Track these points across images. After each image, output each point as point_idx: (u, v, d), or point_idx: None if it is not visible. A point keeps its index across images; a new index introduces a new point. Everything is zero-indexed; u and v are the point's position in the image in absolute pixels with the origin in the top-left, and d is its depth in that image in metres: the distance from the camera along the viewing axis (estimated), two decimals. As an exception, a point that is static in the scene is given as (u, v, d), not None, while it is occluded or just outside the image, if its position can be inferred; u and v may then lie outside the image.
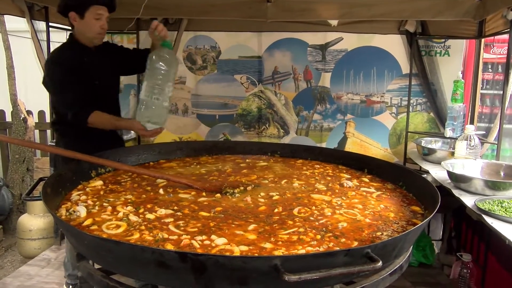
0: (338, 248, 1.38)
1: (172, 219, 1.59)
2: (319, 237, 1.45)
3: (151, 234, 1.45)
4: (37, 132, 5.07)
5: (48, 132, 4.96)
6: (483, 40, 3.57)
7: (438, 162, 2.97)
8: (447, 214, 3.59)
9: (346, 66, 4.00)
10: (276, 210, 1.72)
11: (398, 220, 1.66)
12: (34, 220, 3.95)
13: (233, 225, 1.54)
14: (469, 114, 3.66)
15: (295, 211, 1.71)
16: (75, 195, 1.86)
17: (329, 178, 2.22)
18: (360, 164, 2.42)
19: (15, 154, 4.67)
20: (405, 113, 3.85)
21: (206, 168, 2.39)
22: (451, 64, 3.78)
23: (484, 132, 3.38)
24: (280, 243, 1.40)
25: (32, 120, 4.82)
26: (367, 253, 1.20)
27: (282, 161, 2.60)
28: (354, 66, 3.98)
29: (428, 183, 1.88)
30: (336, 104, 4.08)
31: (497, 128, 3.11)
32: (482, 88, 3.92)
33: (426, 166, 3.09)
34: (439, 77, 3.81)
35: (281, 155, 2.73)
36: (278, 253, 1.33)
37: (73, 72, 2.43)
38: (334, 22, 3.78)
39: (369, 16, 3.46)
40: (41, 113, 5.12)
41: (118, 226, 1.53)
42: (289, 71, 4.09)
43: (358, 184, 2.13)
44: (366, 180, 2.21)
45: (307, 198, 1.89)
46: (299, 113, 4.15)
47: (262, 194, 1.92)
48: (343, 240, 1.45)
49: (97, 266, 1.49)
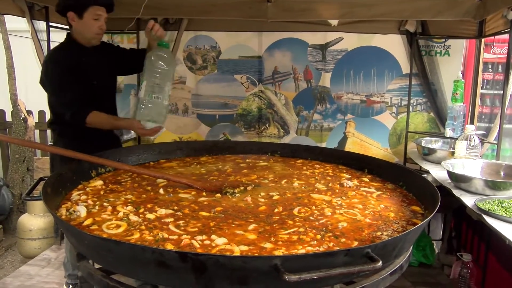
0: (338, 248, 1.38)
1: (172, 219, 1.59)
2: (319, 237, 1.46)
3: (151, 234, 1.45)
4: (37, 132, 5.07)
5: (48, 132, 4.94)
6: (483, 40, 3.57)
7: (438, 162, 2.97)
8: (447, 214, 3.59)
9: (346, 66, 3.99)
10: (276, 210, 1.72)
11: (398, 220, 1.66)
12: (34, 220, 3.95)
13: (233, 225, 1.54)
14: (469, 114, 3.65)
15: (295, 211, 1.71)
16: (75, 195, 1.86)
17: (329, 178, 2.22)
18: (360, 164, 2.42)
19: (15, 154, 4.67)
20: (405, 113, 3.84)
21: (206, 168, 2.40)
22: (451, 64, 3.78)
23: (484, 132, 3.38)
24: (280, 243, 1.40)
25: (32, 120, 4.83)
26: (367, 253, 1.21)
27: (282, 161, 2.60)
28: (354, 66, 3.98)
29: (428, 183, 1.89)
30: (336, 104, 4.08)
31: (497, 128, 3.11)
32: (482, 88, 3.92)
33: (426, 166, 3.09)
34: (439, 77, 3.81)
35: (281, 155, 2.73)
36: (278, 253, 1.33)
37: (71, 72, 2.42)
38: (334, 22, 3.77)
39: (369, 16, 3.46)
40: (41, 113, 5.12)
41: (118, 226, 1.53)
42: (289, 71, 4.09)
43: (358, 184, 2.13)
44: (366, 180, 2.21)
45: (307, 198, 1.89)
46: (299, 113, 4.15)
47: (262, 194, 1.92)
48: (343, 240, 1.45)
49: (97, 266, 1.49)
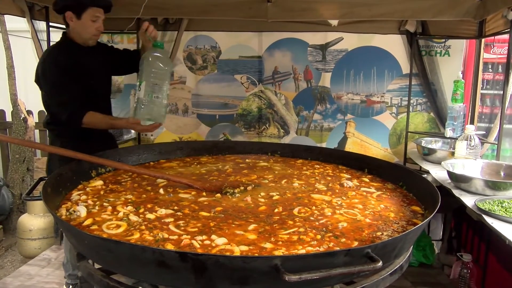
0: (338, 248, 1.38)
1: (172, 219, 1.59)
2: (319, 237, 1.45)
3: (152, 234, 1.45)
4: (37, 132, 5.07)
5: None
6: (483, 40, 3.57)
7: (438, 162, 2.97)
8: (447, 214, 3.59)
9: (346, 66, 4.00)
10: (276, 210, 1.72)
11: (398, 220, 1.66)
12: (34, 220, 3.95)
13: (233, 225, 1.54)
14: (469, 114, 3.65)
15: (295, 211, 1.71)
16: (75, 195, 1.86)
17: (329, 178, 2.22)
18: (360, 164, 2.42)
19: (15, 154, 4.67)
20: (405, 113, 3.85)
21: (206, 168, 2.39)
22: (451, 64, 3.78)
23: (484, 132, 3.38)
24: (280, 243, 1.40)
25: (32, 120, 4.82)
26: (367, 253, 1.20)
27: (282, 161, 2.60)
28: (354, 66, 3.98)
29: (428, 183, 1.88)
30: (336, 104, 4.08)
31: (497, 128, 3.11)
32: (482, 88, 3.93)
33: (426, 166, 3.09)
34: (439, 77, 3.81)
35: (281, 155, 2.73)
36: (278, 253, 1.33)
37: (68, 72, 2.42)
38: (334, 22, 3.77)
39: (369, 16, 3.46)
40: (41, 113, 5.12)
41: (118, 226, 1.53)
42: (289, 71, 4.09)
43: (358, 184, 2.13)
44: (366, 180, 2.21)
45: (307, 198, 1.89)
46: (299, 113, 4.15)
47: (262, 194, 1.92)
48: (343, 240, 1.45)
49: (97, 266, 1.49)
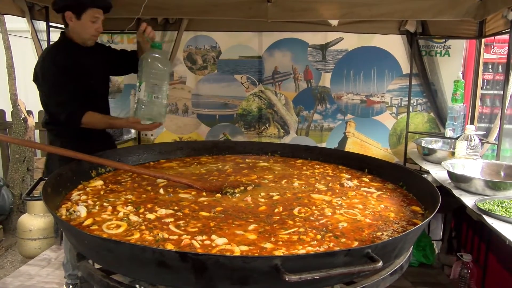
0: (338, 248, 1.38)
1: (172, 219, 1.59)
2: (319, 237, 1.45)
3: (152, 234, 1.45)
4: (37, 132, 5.07)
5: (48, 132, 4.95)
6: (483, 40, 3.57)
7: (438, 162, 2.97)
8: (448, 214, 3.59)
9: (346, 66, 4.00)
10: (276, 210, 1.71)
11: (399, 220, 1.66)
12: (34, 220, 3.95)
13: (234, 225, 1.54)
14: (470, 114, 3.66)
15: (296, 211, 1.71)
16: (75, 195, 1.86)
17: (329, 178, 2.22)
18: (360, 164, 2.42)
19: (15, 154, 4.67)
20: (405, 113, 3.85)
21: (206, 168, 2.39)
22: (451, 64, 3.78)
23: (484, 132, 3.38)
24: (281, 243, 1.40)
25: (32, 120, 4.83)
26: (367, 253, 1.20)
27: (282, 161, 2.60)
28: (355, 66, 3.98)
29: (428, 183, 1.88)
30: (336, 104, 4.08)
31: (497, 128, 3.11)
32: (482, 88, 3.93)
33: (426, 166, 3.09)
34: (440, 77, 3.81)
35: (281, 155, 2.73)
36: (278, 253, 1.33)
37: (67, 71, 2.41)
38: (334, 22, 3.77)
39: (369, 16, 3.46)
40: (41, 113, 5.11)
41: (119, 226, 1.53)
42: (289, 71, 4.09)
43: (359, 184, 2.13)
44: (367, 180, 2.21)
45: (307, 198, 1.89)
46: (299, 113, 4.15)
47: (263, 194, 1.92)
48: (343, 240, 1.45)
49: (97, 266, 1.49)
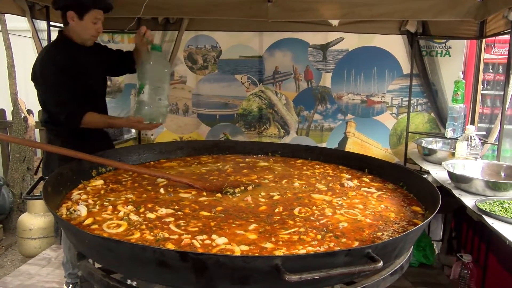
0: (339, 248, 1.38)
1: (172, 219, 1.59)
2: (319, 237, 1.45)
3: (152, 233, 1.45)
4: (37, 131, 5.07)
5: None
6: (484, 40, 3.57)
7: (438, 163, 2.97)
8: (448, 214, 3.59)
9: (346, 66, 4.00)
10: (276, 210, 1.71)
11: (399, 221, 1.66)
12: (35, 219, 3.95)
13: (234, 225, 1.54)
14: (470, 114, 3.65)
15: (296, 211, 1.71)
16: (75, 194, 1.86)
17: (330, 178, 2.22)
18: (361, 164, 2.42)
19: (16, 153, 4.67)
20: (406, 114, 3.84)
21: (206, 167, 2.39)
22: (452, 64, 3.78)
23: (485, 133, 3.38)
24: (281, 243, 1.40)
25: (33, 119, 4.82)
26: (368, 253, 1.20)
27: (283, 161, 2.60)
28: (355, 66, 3.98)
29: (428, 183, 1.88)
30: (336, 104, 4.08)
31: (498, 129, 3.11)
32: (483, 89, 3.93)
33: (426, 166, 3.09)
34: (440, 78, 3.81)
35: (281, 155, 2.73)
36: (278, 253, 1.33)
37: (67, 71, 2.41)
38: (335, 22, 3.77)
39: (370, 16, 3.46)
40: (41, 112, 5.10)
41: (119, 226, 1.53)
42: (290, 71, 4.09)
43: (359, 184, 2.13)
44: (367, 180, 2.21)
45: (307, 198, 1.89)
46: (299, 113, 4.15)
47: (263, 194, 1.92)
48: (343, 240, 1.45)
49: (97, 265, 1.49)
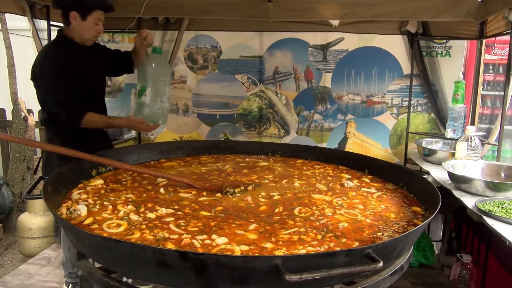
0: (339, 248, 1.38)
1: (172, 218, 1.59)
2: (319, 237, 1.45)
3: (152, 233, 1.45)
4: (37, 130, 5.06)
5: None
6: (484, 41, 3.57)
7: (438, 163, 2.97)
8: (448, 215, 3.59)
9: (347, 66, 3.99)
10: (276, 210, 1.71)
11: (399, 221, 1.66)
12: (34, 219, 3.95)
13: (234, 225, 1.54)
14: (470, 115, 3.65)
15: (296, 211, 1.71)
16: (75, 194, 1.86)
17: (330, 178, 2.22)
18: (361, 165, 2.42)
19: (16, 152, 4.67)
20: (406, 114, 3.84)
21: (206, 167, 2.39)
22: (452, 65, 3.78)
23: (485, 133, 3.38)
24: (281, 243, 1.40)
25: (33, 119, 4.82)
26: (368, 253, 1.20)
27: (283, 161, 2.60)
28: (355, 66, 3.98)
29: (428, 183, 1.88)
30: (337, 104, 4.08)
31: (498, 129, 3.11)
32: (483, 89, 3.93)
33: (426, 166, 3.09)
34: (440, 78, 3.81)
35: (281, 155, 2.73)
36: (279, 253, 1.33)
37: (67, 71, 2.41)
38: (335, 22, 3.77)
39: (370, 16, 3.46)
40: (41, 112, 5.11)
41: (119, 225, 1.53)
42: (290, 71, 4.09)
43: (359, 184, 2.13)
44: (367, 180, 2.21)
45: (307, 198, 1.89)
46: (299, 113, 4.15)
47: (263, 194, 1.92)
48: (344, 240, 1.45)
49: (97, 265, 1.49)
